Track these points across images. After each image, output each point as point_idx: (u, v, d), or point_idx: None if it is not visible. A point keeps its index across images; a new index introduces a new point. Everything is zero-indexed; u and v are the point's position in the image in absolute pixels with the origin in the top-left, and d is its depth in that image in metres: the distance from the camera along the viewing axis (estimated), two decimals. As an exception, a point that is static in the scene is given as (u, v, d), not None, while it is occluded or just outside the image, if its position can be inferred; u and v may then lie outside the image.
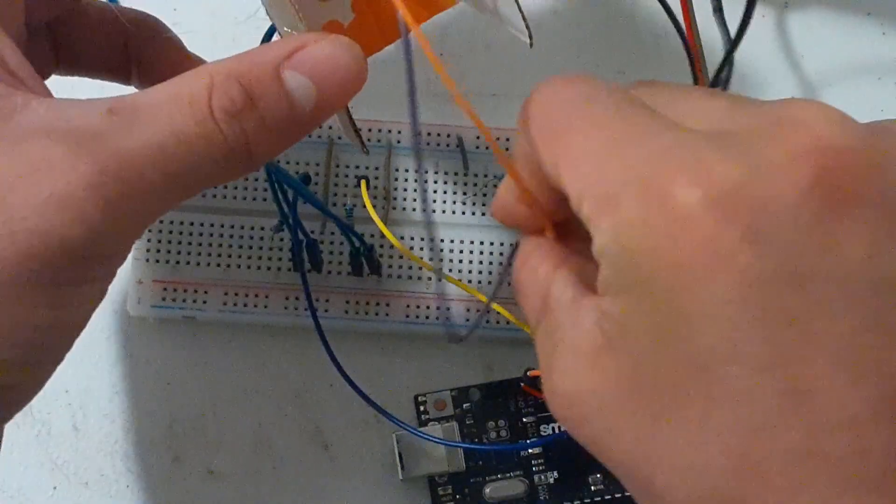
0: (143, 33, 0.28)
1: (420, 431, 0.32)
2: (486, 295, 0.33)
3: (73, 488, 0.33)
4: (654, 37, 0.36)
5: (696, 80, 0.27)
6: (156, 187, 0.22)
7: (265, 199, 0.33)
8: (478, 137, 0.34)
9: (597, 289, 0.19)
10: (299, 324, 0.32)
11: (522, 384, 0.32)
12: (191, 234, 0.33)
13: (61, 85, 0.28)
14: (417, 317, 0.33)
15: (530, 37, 0.27)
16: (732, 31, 0.26)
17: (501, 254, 0.33)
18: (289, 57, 0.23)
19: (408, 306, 0.33)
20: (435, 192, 0.34)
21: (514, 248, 0.33)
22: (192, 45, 0.29)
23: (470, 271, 0.33)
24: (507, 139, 0.34)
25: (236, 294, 0.33)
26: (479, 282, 0.33)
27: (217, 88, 0.22)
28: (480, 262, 0.33)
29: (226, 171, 0.23)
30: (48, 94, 0.23)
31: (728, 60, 0.24)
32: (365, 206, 0.32)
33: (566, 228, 0.22)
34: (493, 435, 0.33)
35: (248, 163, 0.23)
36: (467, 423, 0.33)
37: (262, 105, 0.23)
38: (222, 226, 0.33)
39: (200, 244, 0.33)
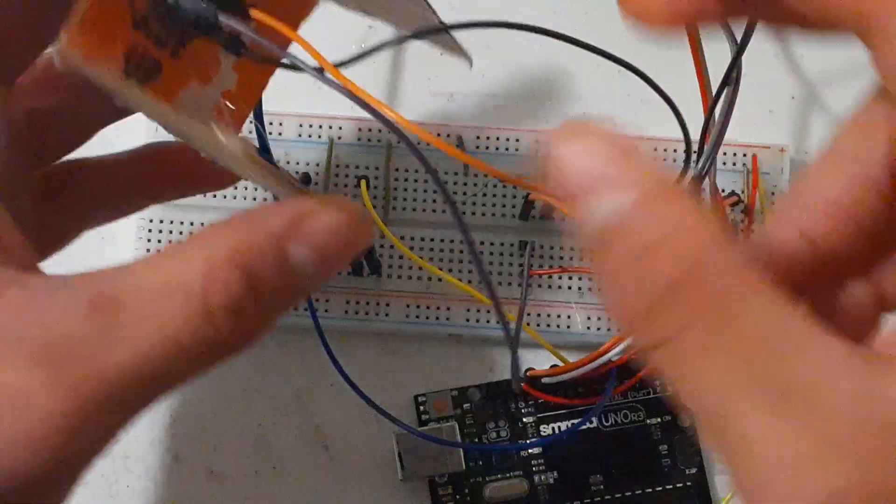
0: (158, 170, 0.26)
1: (420, 431, 0.32)
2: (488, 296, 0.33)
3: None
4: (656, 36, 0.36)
5: (699, 80, 0.27)
6: (139, 396, 0.19)
7: (265, 199, 0.33)
8: (477, 137, 0.34)
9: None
10: (299, 324, 0.32)
11: (523, 384, 0.32)
12: (191, 234, 0.33)
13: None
14: (417, 317, 0.33)
15: (469, 59, 0.26)
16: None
17: (501, 254, 0.33)
18: (293, 227, 0.20)
19: (408, 306, 0.33)
20: (435, 192, 0.34)
21: (528, 246, 0.33)
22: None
23: (470, 271, 0.33)
24: (507, 139, 0.34)
25: (236, 294, 0.33)
26: (480, 282, 0.33)
27: (216, 279, 0.19)
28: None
29: (214, 363, 0.20)
30: (33, 264, 0.21)
31: (737, 62, 0.24)
32: (365, 206, 0.32)
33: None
34: (493, 435, 0.33)
35: (240, 352, 0.20)
36: (467, 423, 0.33)
37: (264, 291, 0.20)
38: (222, 226, 0.33)
39: (200, 244, 0.33)
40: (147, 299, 0.19)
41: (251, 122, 0.27)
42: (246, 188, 0.33)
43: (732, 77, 0.25)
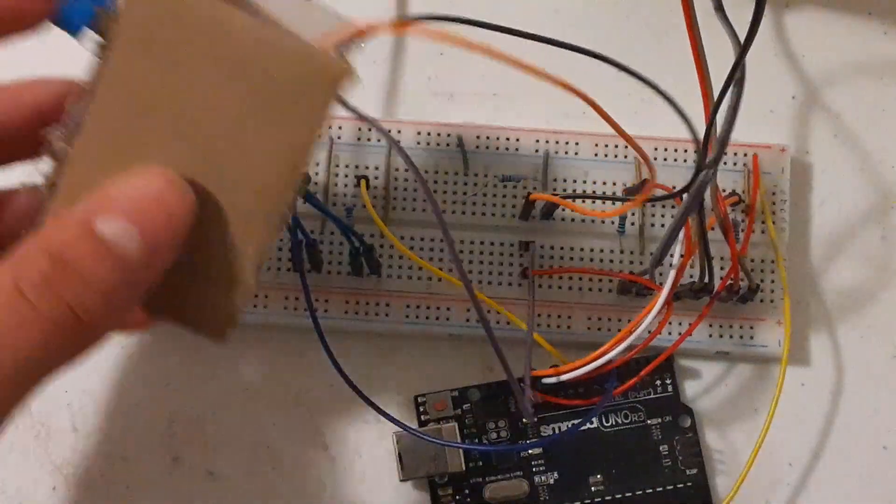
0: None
1: (419, 432, 0.32)
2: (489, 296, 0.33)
3: (73, 488, 0.33)
4: (656, 35, 0.36)
5: (699, 80, 0.27)
6: None
7: (265, 199, 0.33)
8: (477, 137, 0.34)
9: None
10: (299, 324, 0.32)
11: (522, 384, 0.32)
12: (190, 233, 0.33)
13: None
14: (417, 317, 0.33)
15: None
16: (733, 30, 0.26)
17: (502, 254, 0.33)
18: (96, 208, 0.21)
19: (408, 306, 0.33)
20: (435, 192, 0.34)
21: (527, 246, 0.33)
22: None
23: (470, 271, 0.33)
24: (507, 139, 0.34)
25: (236, 294, 0.33)
26: (480, 282, 0.33)
27: (21, 266, 0.21)
28: (481, 262, 0.33)
29: (65, 348, 0.21)
30: None
31: (741, 61, 0.24)
32: (365, 206, 0.32)
33: None
34: (493, 435, 0.33)
35: (85, 329, 0.21)
36: (467, 423, 0.33)
37: (76, 264, 0.20)
38: (222, 226, 0.33)
39: (200, 244, 0.33)
40: None
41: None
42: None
43: (737, 77, 0.25)
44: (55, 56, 0.27)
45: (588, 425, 0.33)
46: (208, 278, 0.23)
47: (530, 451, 0.33)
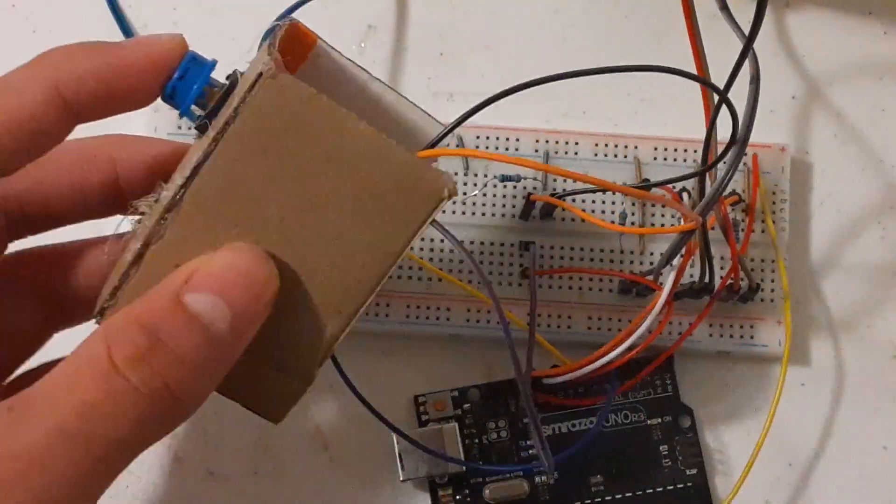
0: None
1: (417, 441, 0.31)
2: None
3: (73, 488, 0.33)
4: (657, 35, 0.36)
5: (699, 80, 0.27)
6: (73, 471, 0.20)
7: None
8: (477, 137, 0.34)
9: None
10: (299, 324, 0.32)
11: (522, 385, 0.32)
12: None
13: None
14: (417, 317, 0.33)
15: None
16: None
17: (502, 254, 0.33)
18: (186, 282, 0.21)
19: (408, 306, 0.33)
20: (435, 192, 0.34)
21: (527, 246, 0.33)
22: (193, 44, 0.29)
23: (470, 272, 0.33)
24: (507, 139, 0.34)
25: (236, 294, 0.33)
26: (480, 282, 0.33)
27: (116, 339, 0.21)
28: (481, 262, 0.33)
29: (158, 424, 0.21)
30: None
31: (742, 59, 0.24)
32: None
33: None
34: (493, 436, 0.33)
35: (178, 406, 0.21)
36: (467, 423, 0.33)
37: (170, 340, 0.21)
38: (222, 226, 0.33)
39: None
40: (56, 383, 0.20)
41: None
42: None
43: (752, 74, 0.25)
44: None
45: (589, 426, 0.33)
46: (276, 365, 0.23)
47: (530, 451, 0.33)
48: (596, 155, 0.34)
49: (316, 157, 0.22)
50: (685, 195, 0.32)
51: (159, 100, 0.23)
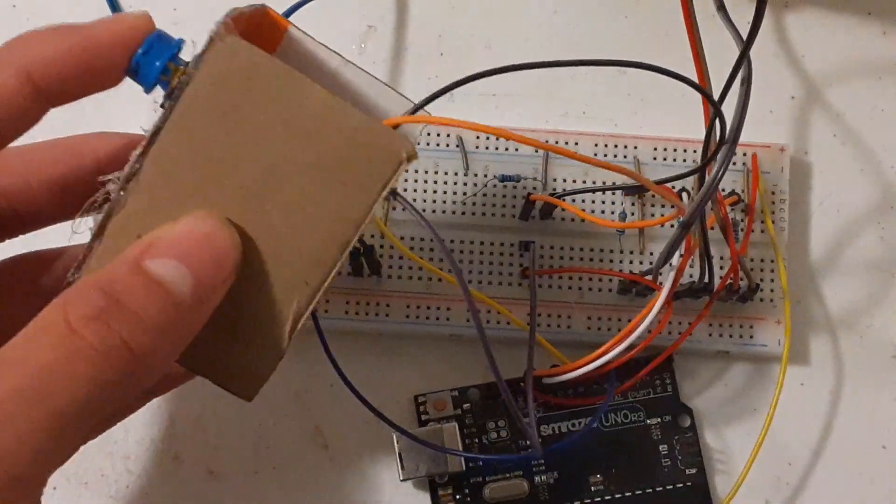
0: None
1: (418, 437, 0.31)
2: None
3: (73, 488, 0.33)
4: (656, 35, 0.36)
5: (699, 81, 0.27)
6: (29, 432, 0.19)
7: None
8: (477, 137, 0.34)
9: None
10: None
11: (522, 384, 0.32)
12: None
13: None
14: (417, 317, 0.33)
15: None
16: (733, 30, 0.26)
17: (502, 254, 0.33)
18: (147, 249, 0.21)
19: (408, 306, 0.33)
20: (435, 192, 0.34)
21: (527, 246, 0.33)
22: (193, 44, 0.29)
23: (470, 271, 0.33)
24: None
25: (236, 294, 0.33)
26: (480, 282, 0.33)
27: (72, 301, 0.20)
28: (481, 262, 0.33)
29: (117, 384, 0.20)
30: None
31: (743, 59, 0.24)
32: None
33: None
34: (493, 435, 0.33)
35: (138, 365, 0.21)
36: (467, 423, 0.33)
37: (129, 302, 0.20)
38: (222, 226, 0.33)
39: (200, 244, 0.33)
40: (13, 346, 0.20)
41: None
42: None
43: (743, 76, 0.25)
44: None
45: (593, 425, 0.33)
46: (243, 338, 0.23)
47: (530, 451, 0.33)
48: (596, 155, 0.34)
49: (273, 122, 0.22)
50: (685, 195, 0.32)
51: (162, 97, 0.23)
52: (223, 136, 0.22)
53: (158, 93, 0.23)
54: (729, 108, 0.25)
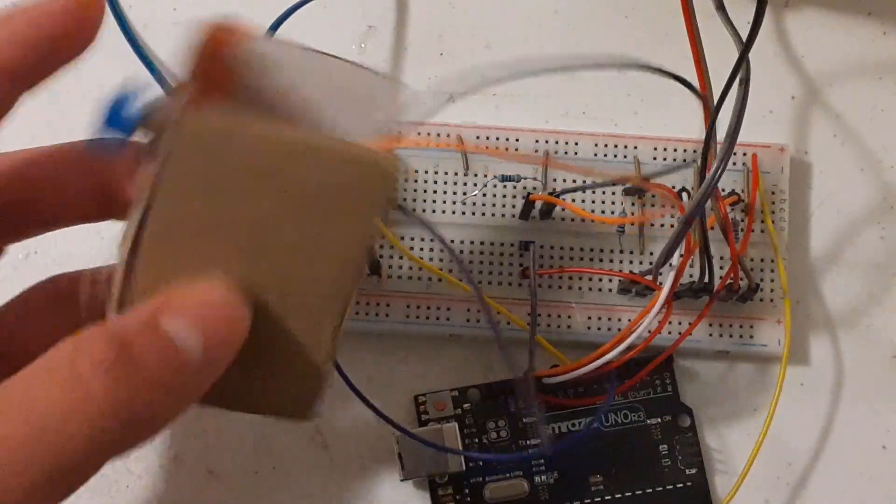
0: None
1: (418, 437, 0.31)
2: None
3: (73, 488, 0.33)
4: (656, 35, 0.36)
5: (699, 81, 0.27)
6: (18, 483, 0.19)
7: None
8: (477, 137, 0.34)
9: None
10: (299, 324, 0.32)
11: (525, 384, 0.32)
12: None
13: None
14: (417, 317, 0.33)
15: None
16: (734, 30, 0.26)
17: (502, 254, 0.33)
18: (163, 305, 0.21)
19: (408, 306, 0.33)
20: (435, 192, 0.34)
21: (527, 246, 0.33)
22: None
23: (470, 271, 0.33)
24: (507, 139, 0.34)
25: (236, 294, 0.33)
26: (480, 282, 0.33)
27: (83, 347, 0.20)
28: (481, 263, 0.33)
29: (117, 438, 0.20)
30: None
31: (743, 60, 0.24)
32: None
33: None
34: (493, 435, 0.33)
35: (140, 421, 0.21)
36: (467, 423, 0.33)
37: (140, 355, 0.20)
38: (222, 226, 0.33)
39: (200, 244, 0.33)
40: (13, 386, 0.20)
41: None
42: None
43: (741, 76, 0.25)
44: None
45: (594, 424, 0.33)
46: (286, 371, 0.23)
47: (530, 451, 0.33)
48: (595, 155, 0.34)
49: (250, 178, 0.22)
50: (685, 195, 0.32)
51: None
52: (210, 203, 0.22)
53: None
54: (729, 108, 0.26)
